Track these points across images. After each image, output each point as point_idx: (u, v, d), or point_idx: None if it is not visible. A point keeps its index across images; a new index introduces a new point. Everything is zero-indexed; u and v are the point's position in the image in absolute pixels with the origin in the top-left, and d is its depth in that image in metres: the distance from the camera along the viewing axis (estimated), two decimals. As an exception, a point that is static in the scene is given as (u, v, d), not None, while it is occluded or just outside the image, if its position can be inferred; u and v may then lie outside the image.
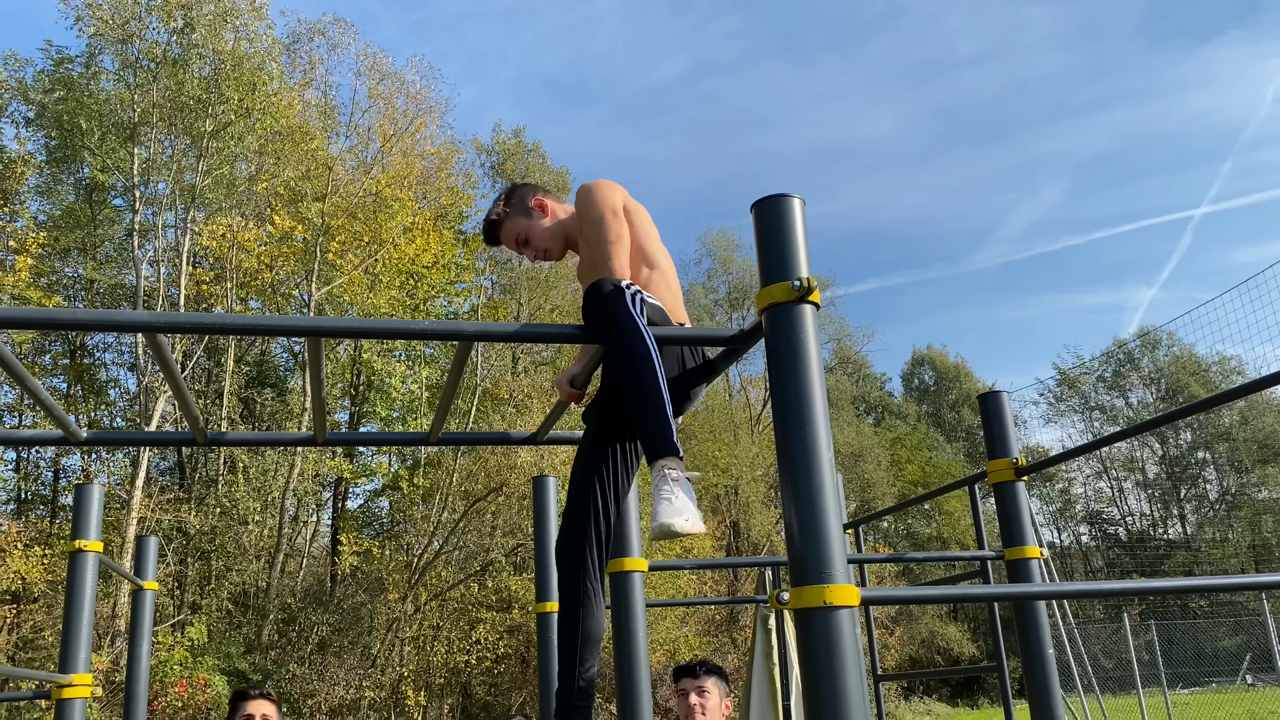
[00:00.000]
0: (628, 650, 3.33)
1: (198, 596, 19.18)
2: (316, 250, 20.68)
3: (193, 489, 20.05)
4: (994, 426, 3.92)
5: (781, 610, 9.32)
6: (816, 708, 1.97)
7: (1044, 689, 3.60)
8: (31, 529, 18.74)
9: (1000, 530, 3.82)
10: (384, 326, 2.25)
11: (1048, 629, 3.63)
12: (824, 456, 2.08)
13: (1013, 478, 3.82)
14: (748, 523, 30.69)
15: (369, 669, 18.78)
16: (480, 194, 27.26)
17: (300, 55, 22.74)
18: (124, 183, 20.33)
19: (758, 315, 2.25)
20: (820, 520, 2.04)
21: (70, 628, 4.33)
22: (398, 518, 23.07)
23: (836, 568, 2.02)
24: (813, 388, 2.11)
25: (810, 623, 1.99)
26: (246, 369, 22.78)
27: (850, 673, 1.97)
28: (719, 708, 3.55)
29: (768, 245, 2.23)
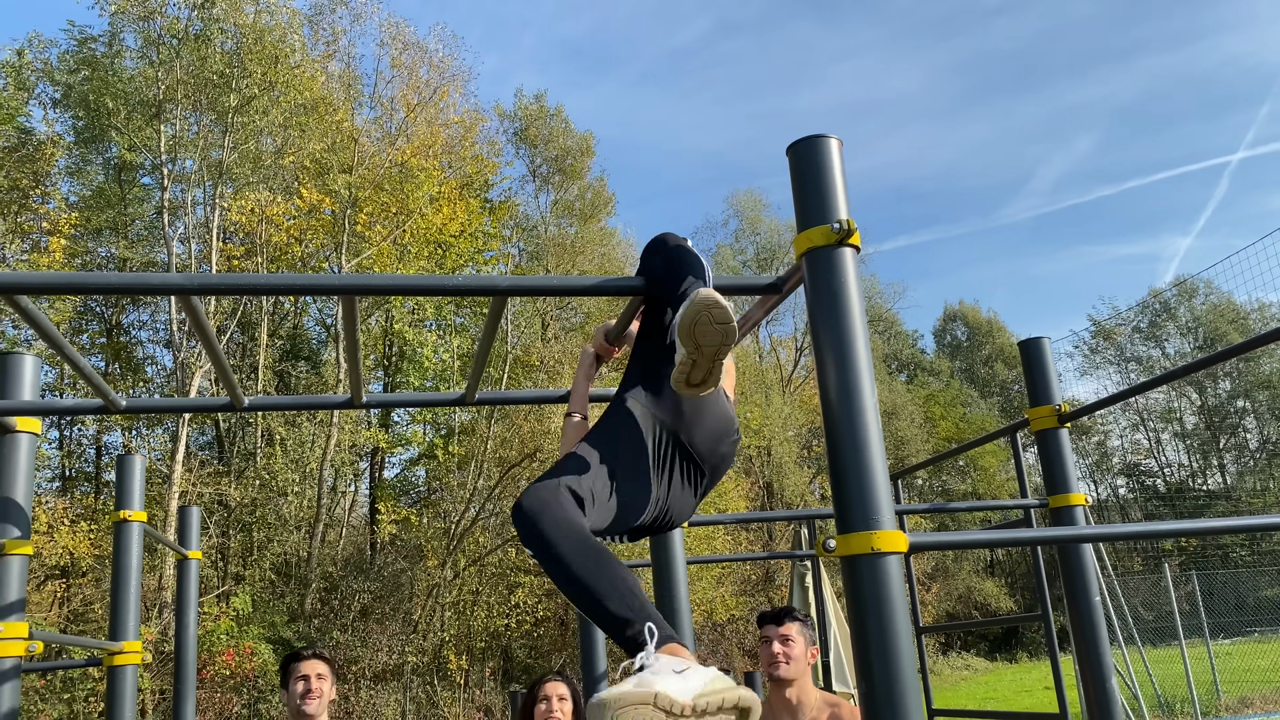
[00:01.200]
0: (669, 607, 3.32)
1: (240, 568, 19.49)
2: (345, 222, 20.74)
3: (232, 462, 20.30)
4: (1035, 373, 3.86)
5: (819, 568, 9.30)
6: (865, 654, 1.94)
7: (1091, 638, 3.56)
8: (77, 505, 19.10)
9: (1043, 478, 3.77)
10: (417, 283, 2.23)
11: (1095, 576, 3.59)
12: (868, 402, 2.04)
13: (1056, 425, 3.77)
14: (781, 484, 30.69)
15: (411, 635, 19.04)
16: (505, 160, 27.21)
17: (323, 27, 22.68)
18: (152, 161, 20.44)
19: (796, 260, 2.20)
20: (865, 466, 2.00)
21: (118, 596, 4.39)
22: (434, 486, 23.27)
23: (883, 514, 1.99)
24: (855, 333, 2.07)
25: (858, 569, 1.96)
26: (280, 342, 22.96)
27: (899, 619, 1.95)
28: (804, 655, 3.45)
29: (805, 188, 2.18)
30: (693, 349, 2.11)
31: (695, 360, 2.13)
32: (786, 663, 3.42)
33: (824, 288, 2.09)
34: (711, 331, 2.10)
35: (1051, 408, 3.77)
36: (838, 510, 2.01)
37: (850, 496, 1.99)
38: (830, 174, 2.17)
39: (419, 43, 23.25)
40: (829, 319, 2.08)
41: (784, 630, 3.46)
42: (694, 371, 2.16)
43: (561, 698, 4.03)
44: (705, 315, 2.09)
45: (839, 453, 2.02)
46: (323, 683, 3.87)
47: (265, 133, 20.90)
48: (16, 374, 3.04)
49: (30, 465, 3.02)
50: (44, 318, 2.27)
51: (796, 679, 3.44)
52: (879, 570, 1.95)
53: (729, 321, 2.09)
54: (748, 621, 23.86)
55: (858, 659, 1.97)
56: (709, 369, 2.16)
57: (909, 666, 1.95)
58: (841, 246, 2.11)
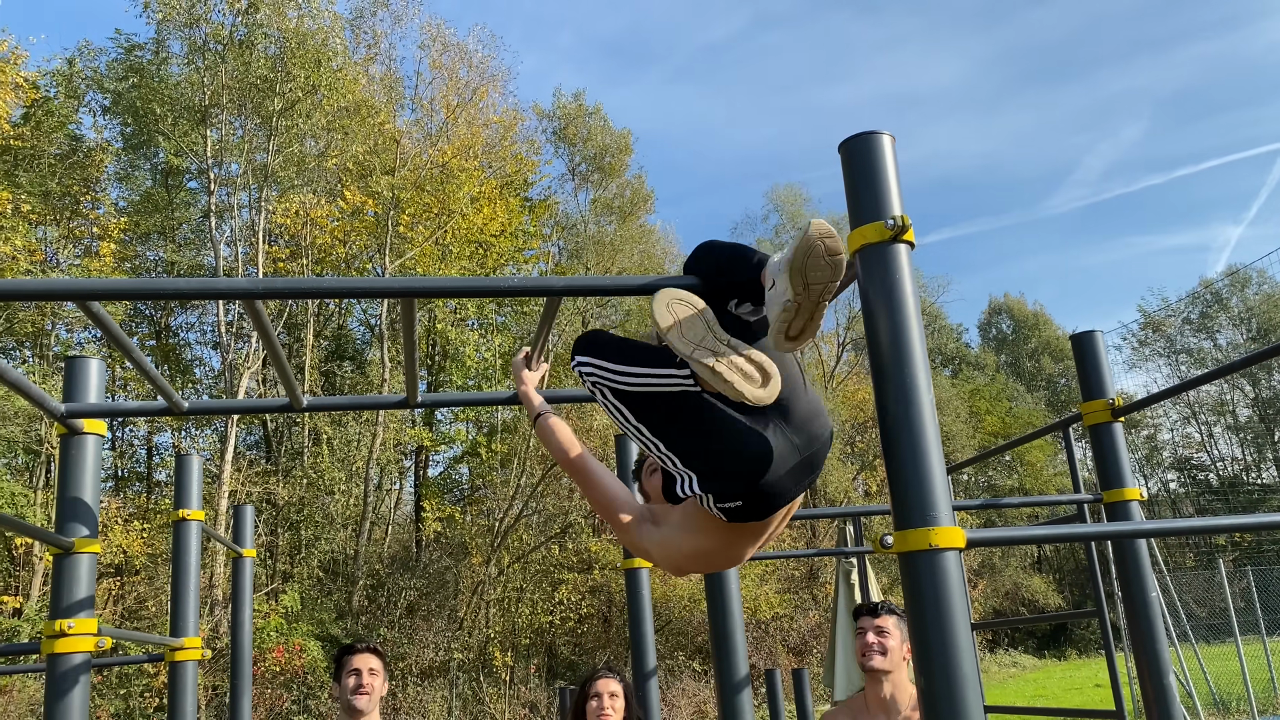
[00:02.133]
0: (721, 603, 3.33)
1: (289, 565, 19.77)
2: (388, 224, 20.95)
3: (279, 461, 20.60)
4: (1088, 367, 3.82)
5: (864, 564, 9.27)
6: (924, 650, 1.94)
7: (1149, 635, 3.52)
8: (129, 505, 19.48)
9: (1097, 473, 3.73)
10: (475, 284, 2.26)
11: (1151, 573, 3.54)
12: (924, 399, 2.04)
13: (1109, 419, 3.73)
14: (824, 479, 30.52)
15: (456, 631, 19.21)
16: (544, 159, 27.31)
17: (364, 30, 22.92)
18: (198, 165, 20.78)
19: (850, 257, 2.20)
20: (922, 463, 2.00)
21: (178, 593, 4.49)
22: (478, 483, 23.44)
23: (941, 510, 1.99)
24: (910, 329, 2.07)
25: (916, 566, 1.96)
26: (325, 343, 23.26)
27: (958, 615, 1.94)
28: (899, 649, 3.41)
29: (858, 185, 2.18)
30: (800, 289, 2.01)
31: (800, 304, 2.02)
32: (881, 654, 3.40)
33: (878, 284, 2.10)
34: (822, 267, 1.99)
35: (1105, 402, 3.73)
36: (895, 507, 2.01)
37: (907, 493, 1.99)
38: (883, 170, 2.17)
39: (459, 44, 23.43)
40: (884, 316, 2.08)
41: (879, 622, 3.43)
42: (796, 319, 2.05)
43: (613, 694, 4.05)
44: (819, 247, 1.98)
45: (896, 450, 2.02)
46: (374, 678, 3.88)
47: (309, 136, 21.17)
48: (83, 377, 3.12)
49: (97, 466, 3.10)
50: (112, 322, 2.33)
51: (891, 672, 3.40)
52: (937, 566, 1.95)
53: (840, 254, 2.01)
54: (791, 619, 23.79)
55: (916, 655, 1.98)
56: (811, 314, 2.05)
57: (969, 662, 1.95)
58: (895, 243, 2.11)
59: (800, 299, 2.01)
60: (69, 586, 3.00)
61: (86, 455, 3.09)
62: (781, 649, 23.07)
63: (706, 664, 21.49)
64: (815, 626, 23.85)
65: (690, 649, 21.42)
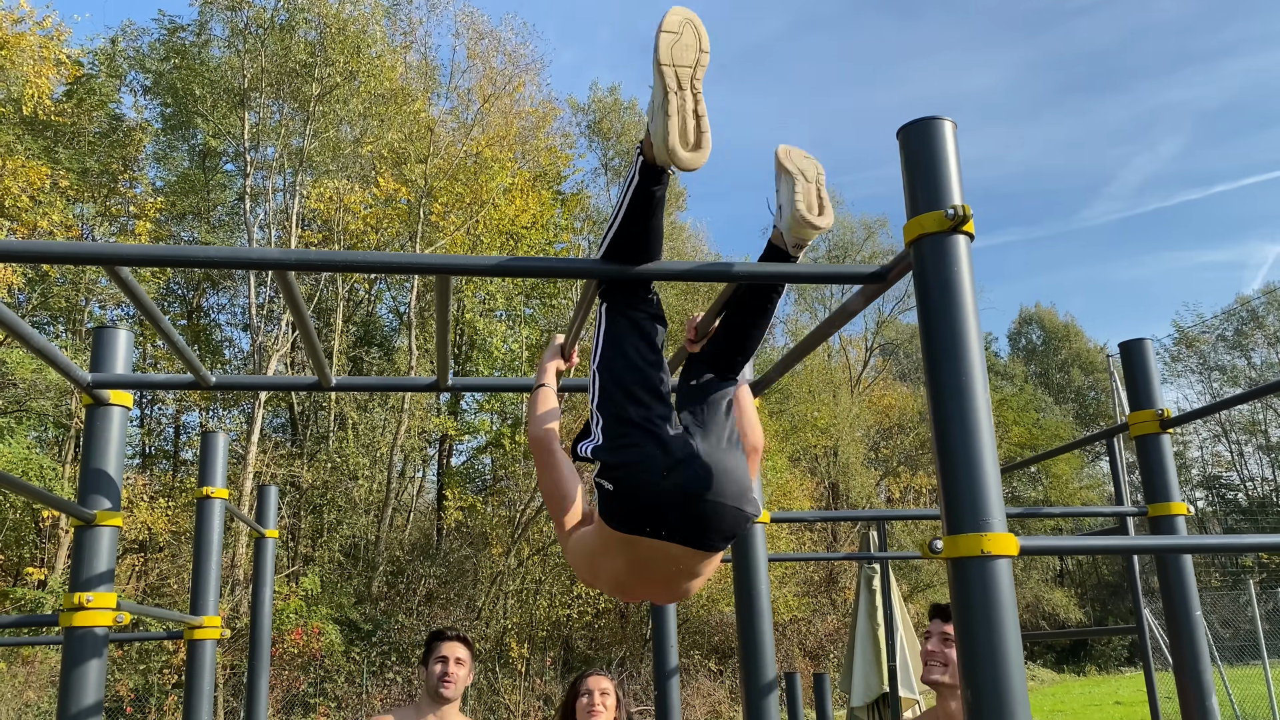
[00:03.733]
0: (750, 603, 3.25)
1: (310, 549, 19.85)
2: (420, 212, 20.96)
3: (305, 445, 20.68)
4: (1137, 376, 3.70)
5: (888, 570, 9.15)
6: (972, 660, 1.86)
7: (1192, 654, 3.40)
8: (155, 482, 19.63)
9: (1143, 485, 3.61)
10: (516, 264, 2.18)
11: (1196, 591, 3.42)
12: (980, 398, 1.95)
13: (1158, 430, 3.61)
14: (847, 484, 30.34)
15: (474, 621, 19.21)
16: (577, 153, 27.26)
17: (400, 18, 22.95)
18: (235, 148, 20.89)
19: (905, 247, 2.11)
20: (977, 465, 1.91)
21: (200, 571, 4.45)
22: (500, 474, 23.44)
23: (994, 515, 1.90)
24: (968, 325, 1.98)
25: (967, 573, 1.87)
26: (354, 329, 23.33)
27: (1008, 625, 1.86)
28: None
29: (916, 172, 2.09)
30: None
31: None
32: (942, 666, 2.94)
33: (936, 276, 2.00)
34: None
35: (1154, 412, 3.61)
36: (946, 510, 1.92)
37: (960, 496, 1.90)
38: (944, 157, 2.08)
39: (494, 32, 23.40)
40: (941, 309, 1.99)
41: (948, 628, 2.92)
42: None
43: (604, 692, 4.02)
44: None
45: (950, 450, 1.93)
46: (460, 667, 3.91)
47: (345, 121, 21.22)
48: (110, 347, 3.08)
49: (122, 438, 3.06)
50: (141, 291, 2.28)
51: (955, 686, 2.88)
52: (989, 574, 1.86)
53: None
54: (809, 622, 23.64)
55: (963, 666, 1.89)
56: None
57: (1018, 673, 1.85)
58: (955, 233, 2.02)
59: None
60: (89, 559, 2.96)
61: (112, 427, 3.04)
62: (798, 652, 22.94)
63: (722, 664, 21.39)
64: (833, 631, 23.70)
65: (706, 648, 21.33)
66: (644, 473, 2.11)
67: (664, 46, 2.08)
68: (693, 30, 2.11)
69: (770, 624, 3.23)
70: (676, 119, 2.05)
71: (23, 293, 18.24)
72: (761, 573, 3.27)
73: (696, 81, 2.09)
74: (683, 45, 2.09)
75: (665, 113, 2.06)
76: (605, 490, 2.17)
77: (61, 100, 18.81)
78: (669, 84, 2.07)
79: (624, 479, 2.13)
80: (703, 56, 2.11)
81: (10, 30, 16.00)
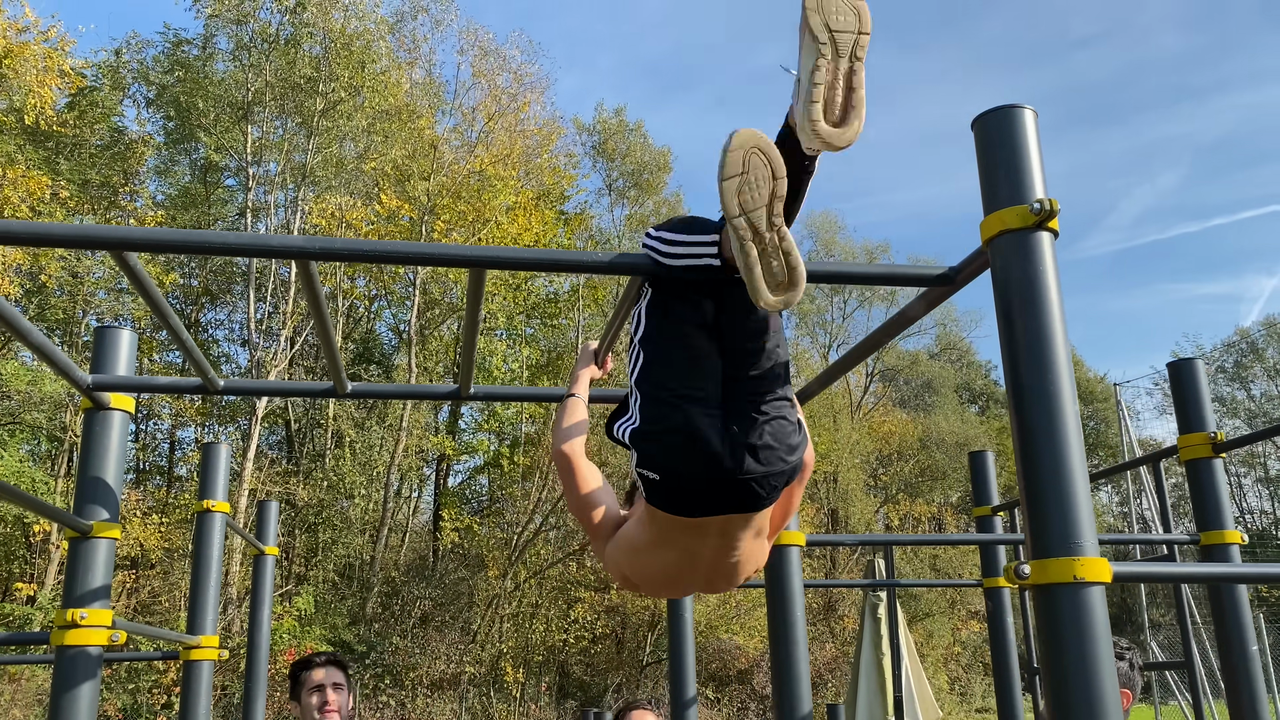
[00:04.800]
0: (785, 627, 3.06)
1: (304, 568, 19.57)
2: (422, 229, 20.83)
3: (301, 462, 20.45)
4: (1188, 398, 3.54)
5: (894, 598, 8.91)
6: (1063, 695, 1.68)
7: (1248, 688, 3.22)
8: (149, 498, 19.37)
9: (1194, 511, 3.44)
10: (548, 258, 2.02)
11: (1252, 624, 3.25)
12: (1069, 408, 1.78)
13: (1210, 454, 3.44)
14: (846, 511, 30.10)
15: (469, 644, 18.93)
16: (581, 173, 27.18)
17: (405, 34, 22.90)
18: (237, 162, 20.77)
19: (982, 246, 1.95)
20: (1067, 482, 1.74)
21: (198, 589, 4.26)
22: (497, 495, 23.21)
23: (1086, 538, 1.72)
24: (1055, 330, 1.81)
25: (1057, 600, 1.69)
26: (354, 345, 23.14)
27: (1103, 659, 1.68)
28: None
29: (994, 165, 1.93)
30: (825, 39, 1.77)
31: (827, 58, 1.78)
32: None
33: (1019, 276, 1.84)
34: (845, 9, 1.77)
35: (1206, 435, 3.44)
36: (1033, 532, 1.75)
37: (1049, 516, 1.73)
38: (1026, 148, 1.92)
39: (499, 50, 23.36)
40: (1025, 311, 1.82)
41: None
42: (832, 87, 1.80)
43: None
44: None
45: (1036, 465, 1.76)
46: (340, 693, 3.45)
47: (348, 138, 21.12)
48: (113, 348, 2.91)
49: (122, 445, 2.88)
50: (151, 282, 2.11)
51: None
52: (1081, 602, 1.69)
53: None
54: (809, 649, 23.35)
55: (1053, 701, 1.71)
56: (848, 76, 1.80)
57: (1114, 709, 1.68)
58: (1040, 230, 1.86)
59: (826, 50, 1.77)
60: (84, 573, 2.77)
61: (112, 433, 2.87)
62: (797, 681, 22.62)
63: (719, 691, 21.11)
64: (831, 659, 23.40)
65: (704, 675, 21.03)
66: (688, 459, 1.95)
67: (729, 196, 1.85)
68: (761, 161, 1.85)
69: (805, 651, 3.05)
70: (759, 268, 1.86)
71: (19, 304, 18.05)
72: (797, 596, 3.09)
73: (776, 218, 1.87)
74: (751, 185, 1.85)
75: (746, 265, 1.86)
76: (650, 480, 2.00)
77: (64, 111, 18.70)
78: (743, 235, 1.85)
79: (667, 467, 1.97)
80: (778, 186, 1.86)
81: (14, 40, 15.91)
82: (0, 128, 16.84)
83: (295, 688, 3.50)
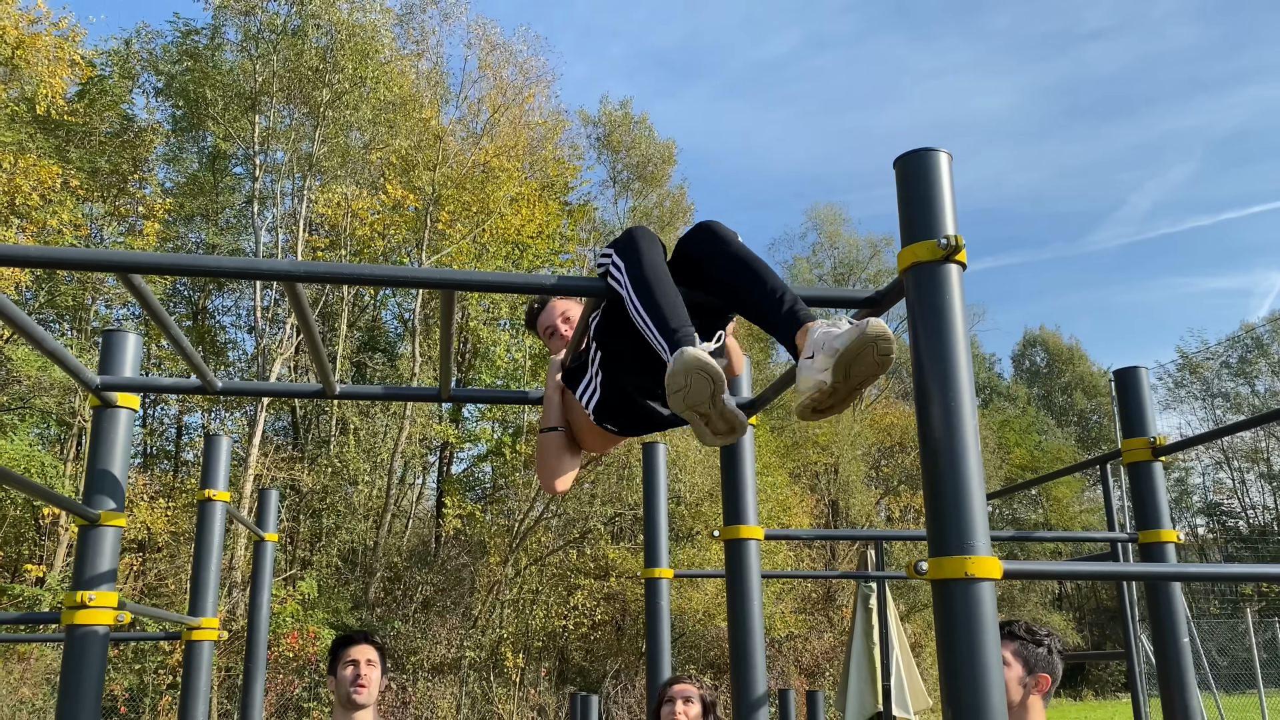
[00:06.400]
0: (743, 619, 3.28)
1: (308, 553, 19.88)
2: (427, 219, 21.05)
3: (306, 449, 20.73)
4: (1130, 403, 3.74)
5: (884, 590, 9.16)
6: (954, 682, 1.89)
7: (1179, 681, 3.43)
8: (156, 482, 19.67)
9: (1134, 512, 3.65)
10: (512, 280, 2.23)
11: (1184, 618, 3.46)
12: (968, 424, 1.99)
13: (1150, 458, 3.65)
14: (847, 502, 30.34)
15: (470, 629, 19.22)
16: (586, 165, 27.36)
17: (413, 26, 23.08)
18: (244, 151, 21.00)
19: (899, 275, 2.16)
20: (963, 489, 1.96)
21: (199, 573, 4.50)
22: (500, 483, 23.47)
23: (979, 539, 1.94)
24: (958, 352, 2.02)
25: (950, 594, 1.91)
26: (359, 334, 23.40)
27: (990, 648, 1.89)
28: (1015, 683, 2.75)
29: (911, 201, 2.14)
30: (840, 378, 2.07)
31: (835, 389, 2.09)
32: None
33: (927, 304, 2.05)
34: (869, 364, 2.07)
35: (1146, 440, 3.65)
36: (932, 532, 1.97)
37: (946, 519, 1.94)
38: (938, 188, 2.13)
39: (506, 43, 23.53)
40: (931, 337, 2.03)
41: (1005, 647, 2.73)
42: (826, 400, 2.11)
43: (688, 699, 4.07)
44: (873, 349, 2.06)
45: (936, 474, 1.97)
46: (373, 669, 3.67)
47: (354, 128, 21.33)
48: (119, 351, 3.13)
49: (128, 440, 3.11)
50: (152, 296, 2.33)
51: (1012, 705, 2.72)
52: (972, 596, 1.90)
53: (890, 355, 2.07)
54: (806, 639, 23.60)
55: (945, 687, 1.93)
56: (844, 399, 2.12)
57: (998, 697, 1.89)
58: (947, 263, 2.07)
59: (837, 386, 2.08)
60: (92, 559, 3.01)
61: (118, 429, 3.10)
62: (794, 669, 22.90)
63: (717, 679, 21.36)
64: (829, 649, 23.66)
65: (702, 663, 21.31)
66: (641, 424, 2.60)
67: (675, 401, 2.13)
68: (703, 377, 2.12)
69: (761, 639, 3.27)
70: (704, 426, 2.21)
71: (29, 290, 18.33)
72: (754, 588, 3.31)
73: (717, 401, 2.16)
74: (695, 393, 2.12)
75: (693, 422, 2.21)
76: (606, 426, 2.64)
77: (74, 100, 18.93)
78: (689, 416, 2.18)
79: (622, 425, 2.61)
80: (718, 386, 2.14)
81: (26, 30, 16.13)
82: (11, 117, 17.07)
83: (333, 663, 3.71)
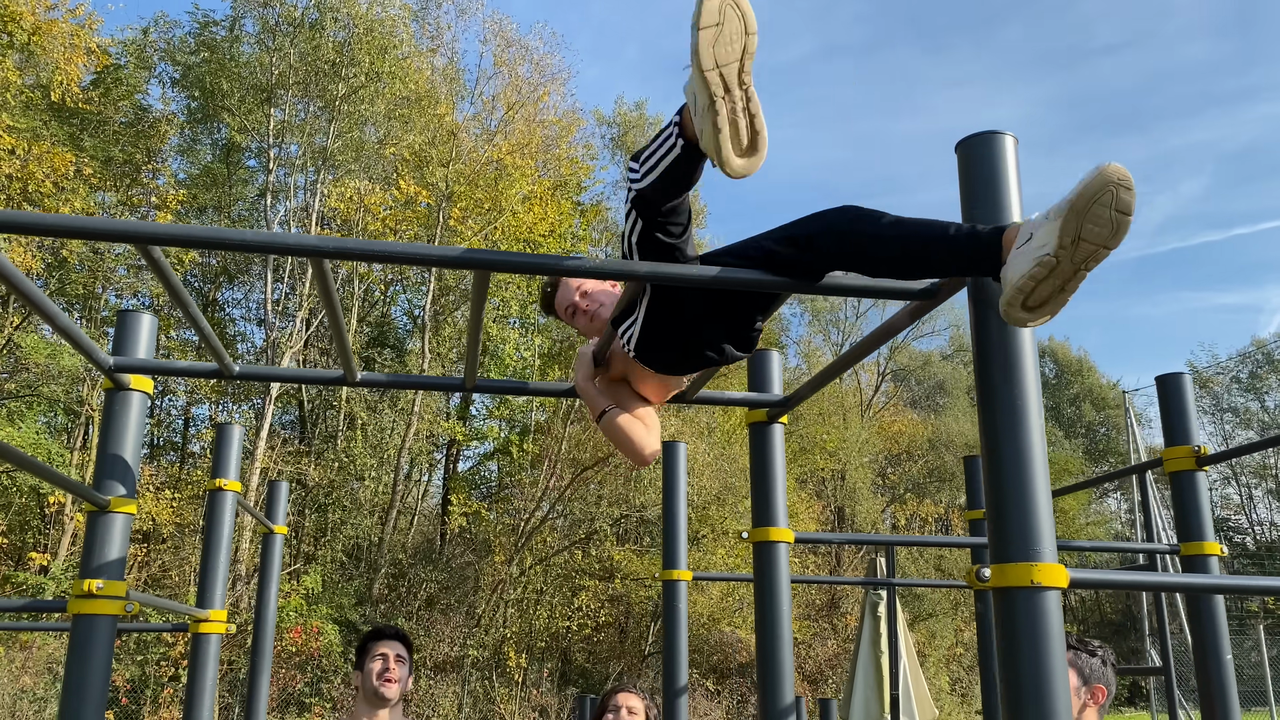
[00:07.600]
0: (771, 624, 3.17)
1: (313, 547, 19.79)
2: (439, 216, 20.97)
3: (313, 443, 20.65)
4: (1173, 411, 3.62)
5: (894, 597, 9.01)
6: (1016, 695, 1.78)
7: (1221, 697, 3.31)
8: (162, 473, 19.61)
9: (1175, 523, 3.52)
10: (552, 263, 2.12)
11: (1227, 634, 3.33)
12: (1034, 422, 1.88)
13: (1194, 467, 3.53)
14: (853, 509, 30.16)
15: (473, 628, 19.11)
16: (600, 165, 27.25)
17: (429, 21, 23.02)
18: (259, 144, 20.95)
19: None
20: (1030, 491, 1.84)
21: (208, 565, 4.40)
22: (506, 482, 23.38)
23: (1045, 545, 1.83)
24: (1024, 345, 1.92)
25: (1014, 603, 1.80)
26: (368, 329, 23.33)
27: (1055, 660, 1.78)
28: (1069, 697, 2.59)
29: (975, 188, 2.03)
30: (1068, 241, 1.68)
31: (1059, 262, 1.68)
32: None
33: (994, 295, 1.93)
34: (1105, 220, 1.65)
35: (1190, 448, 3.53)
36: (995, 538, 1.85)
37: (1011, 524, 1.83)
38: (1004, 173, 2.02)
39: (521, 40, 23.45)
40: (996, 329, 1.92)
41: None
42: (1046, 282, 1.73)
43: (631, 710, 3.91)
44: (1112, 194, 1.65)
45: (1001, 475, 1.86)
46: (401, 665, 3.64)
47: (369, 122, 21.27)
48: (134, 332, 3.03)
49: (140, 424, 3.00)
50: (172, 273, 2.23)
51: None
52: (1037, 605, 1.79)
53: (1130, 214, 1.66)
54: (810, 646, 23.46)
55: (1006, 700, 1.81)
56: (1066, 280, 1.72)
57: (1065, 712, 1.78)
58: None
59: (1063, 255, 1.68)
60: (101, 546, 2.90)
61: (131, 413, 2.99)
62: (798, 676, 22.76)
63: (720, 684, 21.23)
64: (832, 656, 23.51)
65: (705, 667, 21.18)
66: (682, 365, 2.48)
67: (704, 46, 1.79)
68: (736, 14, 1.79)
69: (790, 644, 3.15)
70: (728, 128, 1.82)
71: (40, 278, 18.29)
72: (784, 592, 3.19)
73: (745, 76, 1.81)
74: (726, 38, 1.78)
75: (715, 125, 1.81)
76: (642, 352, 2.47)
77: (89, 88, 18.89)
78: (714, 90, 1.80)
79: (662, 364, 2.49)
80: (750, 42, 1.80)
81: (43, 16, 16.09)
82: (27, 103, 17.03)
83: (361, 657, 3.66)
